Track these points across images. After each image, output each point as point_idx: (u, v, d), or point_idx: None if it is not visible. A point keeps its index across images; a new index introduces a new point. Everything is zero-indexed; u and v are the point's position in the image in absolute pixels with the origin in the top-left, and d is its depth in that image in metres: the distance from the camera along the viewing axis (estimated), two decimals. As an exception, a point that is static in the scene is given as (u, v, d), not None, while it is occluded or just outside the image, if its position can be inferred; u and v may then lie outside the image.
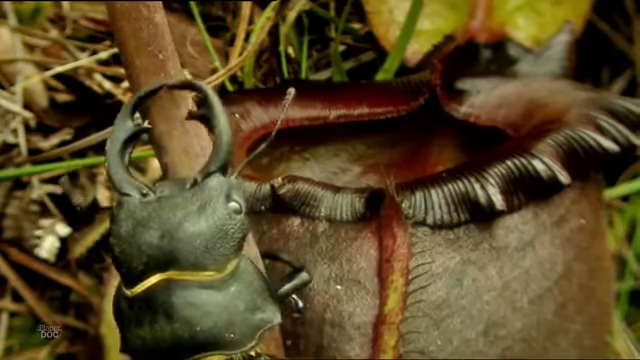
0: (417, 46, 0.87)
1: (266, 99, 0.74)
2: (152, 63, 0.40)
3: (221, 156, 0.41)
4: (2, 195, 0.65)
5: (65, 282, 0.65)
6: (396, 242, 0.46)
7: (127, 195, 0.41)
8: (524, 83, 0.71)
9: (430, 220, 0.47)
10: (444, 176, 0.50)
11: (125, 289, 0.41)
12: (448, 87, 0.76)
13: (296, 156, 0.81)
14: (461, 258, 0.46)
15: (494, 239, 0.47)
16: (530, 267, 0.47)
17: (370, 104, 0.79)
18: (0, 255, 0.65)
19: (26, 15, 0.75)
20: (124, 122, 0.43)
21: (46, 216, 0.68)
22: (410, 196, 0.48)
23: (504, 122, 0.69)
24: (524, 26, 0.85)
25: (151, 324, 0.39)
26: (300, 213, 0.49)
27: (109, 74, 0.81)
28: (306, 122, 0.76)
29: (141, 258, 0.40)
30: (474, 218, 0.48)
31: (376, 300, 0.45)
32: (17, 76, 0.72)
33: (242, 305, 0.40)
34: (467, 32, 0.84)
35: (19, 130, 0.68)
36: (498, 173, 0.49)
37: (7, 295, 0.66)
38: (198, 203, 0.40)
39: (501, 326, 0.45)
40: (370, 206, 0.48)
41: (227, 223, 0.40)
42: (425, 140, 0.81)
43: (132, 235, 0.40)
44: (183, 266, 0.39)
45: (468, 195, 0.48)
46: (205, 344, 0.39)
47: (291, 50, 0.91)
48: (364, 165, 0.83)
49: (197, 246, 0.39)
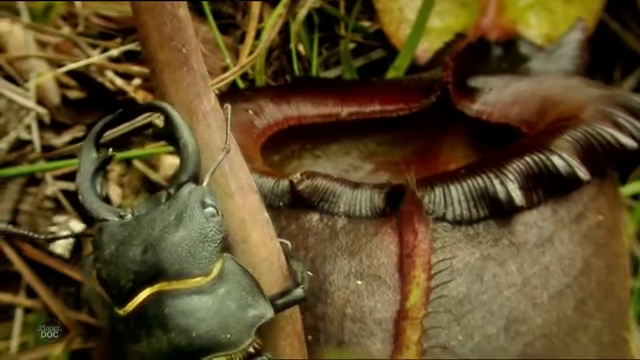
0: (427, 44, 0.88)
1: (279, 96, 0.74)
2: (175, 57, 0.40)
3: (189, 166, 0.42)
4: (16, 191, 0.65)
5: (79, 278, 0.65)
6: (417, 237, 0.46)
7: (105, 220, 0.42)
8: (537, 81, 0.71)
9: (450, 216, 0.47)
10: (463, 172, 0.50)
11: (117, 309, 0.41)
12: (460, 85, 0.76)
13: (307, 154, 0.81)
14: (481, 254, 0.46)
15: (513, 235, 0.47)
16: (550, 263, 0.47)
17: (382, 101, 0.79)
18: (14, 251, 0.65)
19: (39, 12, 0.75)
20: (89, 153, 0.44)
21: (60, 212, 0.68)
22: (430, 192, 0.48)
23: (518, 119, 0.69)
24: (535, 24, 0.85)
25: (148, 338, 0.40)
26: (319, 209, 0.49)
27: (120, 71, 0.80)
28: (318, 119, 0.76)
29: (128, 276, 0.41)
30: (493, 214, 0.48)
31: (397, 295, 0.45)
32: (30, 73, 0.71)
33: (233, 305, 0.41)
34: (478, 30, 0.84)
35: (33, 126, 0.68)
36: (517, 169, 0.49)
37: (22, 291, 0.66)
38: (174, 213, 0.41)
39: (522, 322, 0.45)
40: (390, 202, 0.48)
41: (205, 227, 0.41)
42: (436, 138, 0.81)
43: (116, 256, 0.41)
44: (170, 276, 0.40)
45: (487, 191, 0.48)
46: (203, 348, 0.40)
47: (301, 48, 0.91)
48: (375, 163, 0.83)
49: (180, 254, 0.40)
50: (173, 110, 0.42)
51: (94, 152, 0.44)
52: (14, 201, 0.65)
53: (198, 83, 0.42)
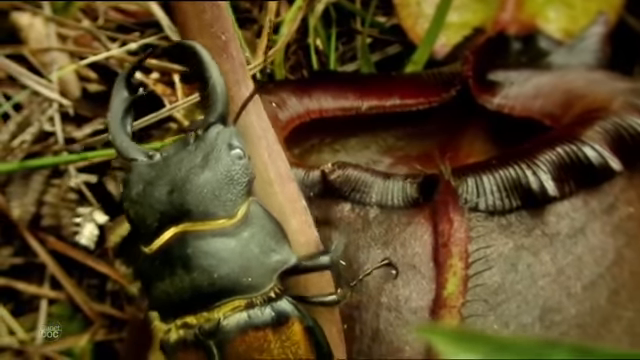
0: (445, 39, 0.87)
1: (300, 90, 0.74)
2: (215, 44, 0.40)
3: (218, 107, 0.42)
4: (41, 183, 0.65)
5: (102, 270, 0.65)
6: (453, 226, 0.46)
7: (134, 160, 0.43)
8: (559, 74, 0.71)
9: (482, 206, 0.47)
10: (494, 162, 0.50)
11: (144, 248, 0.42)
12: (480, 79, 0.76)
13: (326, 148, 0.81)
14: (515, 244, 0.46)
15: (546, 225, 0.47)
16: (582, 254, 0.47)
17: (401, 95, 0.79)
18: (38, 243, 0.65)
19: (59, 6, 0.75)
20: (120, 93, 0.45)
21: (84, 204, 0.68)
22: (462, 182, 0.48)
23: (541, 112, 0.68)
24: (554, 19, 0.85)
25: (171, 277, 0.41)
26: (350, 199, 0.49)
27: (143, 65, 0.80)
28: (339, 113, 0.76)
29: (154, 215, 0.41)
30: (525, 204, 0.48)
31: (432, 284, 0.45)
32: (51, 66, 0.71)
33: (256, 249, 0.41)
34: (497, 24, 0.84)
35: (56, 118, 0.68)
36: (549, 160, 0.49)
37: (46, 282, 0.66)
38: (201, 155, 0.41)
39: (556, 311, 0.45)
40: (423, 191, 0.48)
41: (231, 169, 0.41)
42: (455, 132, 0.81)
43: (143, 195, 0.41)
44: (194, 217, 0.41)
45: (520, 181, 0.48)
46: (224, 290, 0.40)
47: (319, 42, 0.91)
48: (394, 157, 0.82)
49: (205, 195, 0.40)
50: (202, 49, 0.42)
51: (125, 92, 0.45)
52: (39, 192, 0.65)
53: (237, 70, 0.42)
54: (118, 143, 0.43)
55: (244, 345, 0.40)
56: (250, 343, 0.40)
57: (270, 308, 0.41)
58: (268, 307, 0.41)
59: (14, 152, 0.66)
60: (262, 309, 0.41)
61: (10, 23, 0.75)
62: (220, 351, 0.41)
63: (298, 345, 0.41)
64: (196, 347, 0.41)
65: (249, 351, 0.40)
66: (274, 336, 0.41)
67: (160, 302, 0.42)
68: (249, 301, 0.40)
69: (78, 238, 0.64)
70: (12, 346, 0.62)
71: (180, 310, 0.41)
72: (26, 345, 0.63)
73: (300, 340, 0.41)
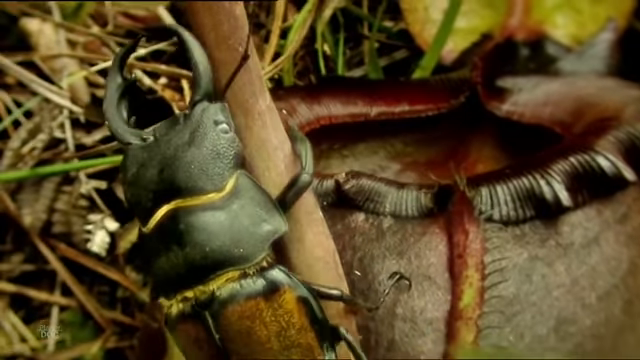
0: (453, 44, 0.87)
1: (310, 96, 0.74)
2: (232, 56, 0.40)
3: (202, 84, 0.42)
4: (52, 190, 0.65)
5: (113, 277, 0.65)
6: (469, 237, 0.46)
7: (129, 144, 0.43)
8: (569, 81, 0.71)
9: (497, 216, 0.47)
10: (508, 172, 0.50)
11: (142, 228, 0.43)
12: (488, 85, 0.76)
13: (335, 153, 0.81)
14: (529, 254, 0.46)
15: (560, 236, 0.47)
16: (596, 264, 0.47)
17: (410, 102, 0.79)
18: (49, 250, 0.65)
19: (69, 11, 0.75)
20: (114, 79, 0.45)
21: (95, 211, 0.68)
22: (476, 192, 0.48)
23: (551, 120, 0.68)
24: (563, 24, 0.85)
25: (167, 254, 0.41)
26: (364, 209, 0.49)
27: (149, 70, 0.81)
28: (348, 119, 0.76)
29: (148, 195, 0.42)
30: (539, 215, 0.48)
31: (448, 295, 0.45)
32: (61, 72, 0.72)
33: (247, 220, 0.41)
34: (505, 30, 0.84)
35: (66, 125, 0.68)
36: (562, 169, 0.49)
37: (57, 290, 0.66)
38: (188, 132, 0.42)
39: (571, 322, 0.45)
40: (437, 202, 0.48)
41: (217, 143, 0.42)
42: (463, 138, 0.81)
43: (137, 177, 0.42)
44: (184, 193, 0.41)
45: (534, 191, 0.48)
46: (217, 263, 0.41)
47: (326, 48, 0.91)
48: (403, 163, 0.83)
49: (193, 171, 0.41)
50: (185, 31, 0.42)
51: (119, 77, 0.45)
52: (50, 199, 0.65)
53: (254, 82, 0.42)
54: (114, 128, 0.44)
55: (236, 314, 0.41)
56: (242, 312, 0.41)
57: (262, 277, 0.42)
58: (260, 277, 0.41)
59: (25, 159, 0.66)
60: (254, 279, 0.41)
61: (20, 29, 0.75)
62: (215, 321, 0.42)
63: (291, 314, 0.42)
64: (193, 319, 0.42)
65: (242, 320, 0.41)
66: (266, 304, 0.41)
67: (160, 279, 0.43)
68: (242, 272, 0.41)
69: (89, 246, 0.64)
70: (24, 354, 0.63)
71: (178, 285, 0.42)
72: (38, 353, 0.63)
73: (293, 308, 0.42)
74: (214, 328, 0.42)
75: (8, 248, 0.67)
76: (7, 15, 0.75)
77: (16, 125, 0.70)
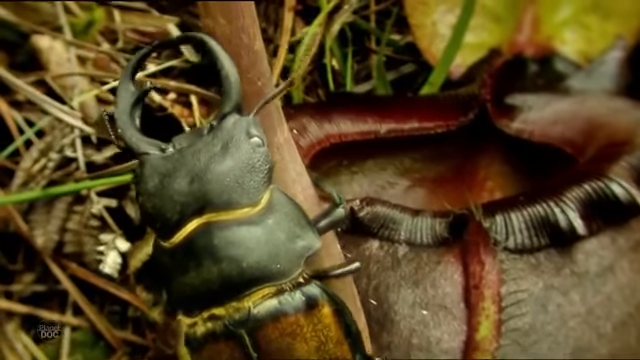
0: (460, 59, 0.87)
1: (320, 114, 0.74)
2: (251, 90, 0.40)
3: (233, 96, 0.41)
4: (63, 210, 0.65)
5: (124, 297, 0.65)
6: (484, 268, 0.46)
7: (146, 154, 0.42)
8: (579, 100, 0.71)
9: (512, 245, 0.47)
10: (522, 199, 0.50)
11: (163, 242, 0.41)
12: (498, 102, 0.76)
13: (344, 170, 0.81)
14: (544, 284, 0.46)
15: (575, 264, 0.48)
16: (611, 292, 0.47)
17: (420, 119, 0.79)
18: (60, 270, 0.65)
19: (79, 28, 0.75)
20: (126, 87, 0.44)
21: (106, 231, 0.68)
22: (491, 220, 0.48)
23: (561, 139, 0.69)
24: (571, 40, 0.85)
25: (197, 269, 0.40)
26: (379, 236, 0.49)
27: (158, 86, 0.81)
28: (358, 137, 0.76)
29: (175, 208, 0.40)
30: (554, 243, 0.48)
31: (463, 326, 0.45)
32: (72, 89, 0.72)
33: (283, 235, 0.41)
34: (514, 47, 0.84)
35: (77, 145, 0.68)
36: (577, 197, 0.49)
37: (68, 309, 0.66)
38: (220, 144, 0.41)
39: (587, 352, 0.45)
40: (452, 230, 0.48)
41: (252, 157, 0.41)
42: (472, 154, 0.81)
43: (161, 188, 0.41)
44: (218, 207, 0.40)
45: (548, 219, 0.48)
46: (254, 278, 0.40)
47: (334, 62, 0.91)
48: (411, 179, 0.83)
49: (228, 184, 0.40)
50: (212, 41, 0.41)
51: (131, 86, 0.44)
52: (62, 220, 0.66)
53: (272, 115, 0.42)
54: (128, 137, 0.42)
55: (277, 332, 0.40)
56: (283, 329, 0.40)
57: (300, 293, 0.41)
58: (298, 292, 0.41)
59: (36, 179, 0.66)
60: (292, 295, 0.41)
61: (31, 46, 0.75)
62: (252, 339, 0.41)
63: (329, 328, 0.41)
64: (226, 338, 0.41)
65: (282, 337, 0.40)
66: (306, 320, 0.41)
67: (184, 296, 0.41)
68: (279, 288, 0.40)
69: (101, 267, 0.64)
70: (36, 374, 0.63)
71: (207, 302, 0.41)
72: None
73: (331, 322, 0.41)
74: (251, 347, 0.41)
75: (19, 268, 0.67)
76: (18, 32, 0.75)
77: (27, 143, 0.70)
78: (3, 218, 0.66)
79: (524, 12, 0.86)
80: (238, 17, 0.39)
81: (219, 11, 0.39)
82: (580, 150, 0.64)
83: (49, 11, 0.76)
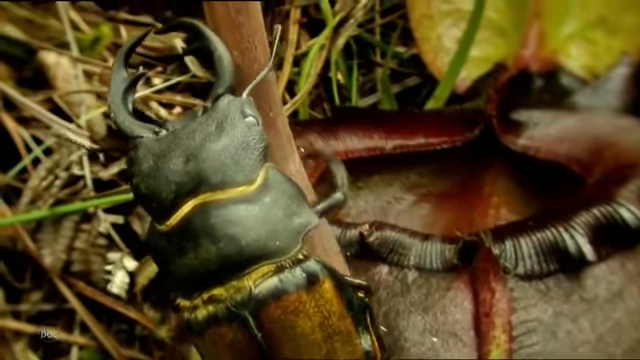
0: (465, 73, 0.88)
1: (326, 130, 0.74)
2: (262, 121, 0.40)
3: (226, 77, 0.41)
4: (71, 229, 0.65)
5: (131, 315, 0.65)
6: (495, 296, 0.46)
7: (140, 137, 0.41)
8: (586, 117, 0.71)
9: (521, 270, 0.47)
10: (531, 224, 0.50)
11: (159, 225, 0.41)
12: (503, 118, 0.76)
13: (350, 185, 0.81)
14: (554, 310, 0.46)
15: (584, 290, 0.48)
16: (621, 318, 0.47)
17: (426, 134, 0.79)
18: (68, 288, 0.65)
19: (86, 44, 0.75)
20: (120, 72, 0.43)
21: (113, 249, 0.68)
22: (500, 245, 0.48)
23: (567, 157, 0.69)
24: (576, 55, 0.85)
25: (195, 250, 0.40)
26: (388, 261, 0.49)
27: (164, 101, 0.81)
28: (364, 153, 0.76)
29: (170, 188, 0.40)
30: (563, 268, 0.48)
31: (473, 353, 0.45)
32: (79, 106, 0.72)
33: (280, 212, 0.40)
34: (520, 61, 0.84)
35: (85, 163, 0.68)
36: (585, 222, 0.49)
37: (76, 328, 0.66)
38: (215, 123, 0.41)
39: (597, 379, 0.45)
40: (462, 256, 0.48)
41: (247, 135, 0.40)
42: (478, 169, 0.81)
43: (155, 169, 0.40)
44: (214, 186, 0.40)
45: (557, 245, 0.48)
46: (254, 256, 0.40)
47: (340, 76, 0.91)
48: (417, 194, 0.83)
49: (223, 162, 0.40)
50: (203, 26, 0.42)
51: (124, 71, 0.43)
52: (69, 239, 0.66)
53: (284, 146, 0.42)
54: (120, 121, 0.42)
55: (279, 310, 0.40)
56: (285, 307, 0.40)
57: (300, 269, 0.41)
58: (298, 268, 0.41)
59: (43, 197, 0.66)
60: (292, 271, 0.40)
61: (37, 61, 0.76)
62: (255, 319, 0.40)
63: (331, 302, 0.41)
64: (229, 320, 0.41)
65: (285, 315, 0.40)
66: (308, 296, 0.41)
67: (182, 278, 0.41)
68: (278, 265, 0.40)
69: (109, 287, 0.64)
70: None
71: (206, 283, 0.40)
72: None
73: (332, 297, 0.41)
74: (255, 326, 0.40)
75: (27, 286, 0.67)
76: (25, 48, 0.75)
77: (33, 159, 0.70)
78: (11, 236, 0.66)
79: (529, 26, 0.86)
80: (250, 48, 0.39)
81: (231, 43, 0.39)
82: (587, 169, 0.64)
83: (56, 27, 0.76)
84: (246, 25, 0.39)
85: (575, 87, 0.82)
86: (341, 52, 0.90)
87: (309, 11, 0.95)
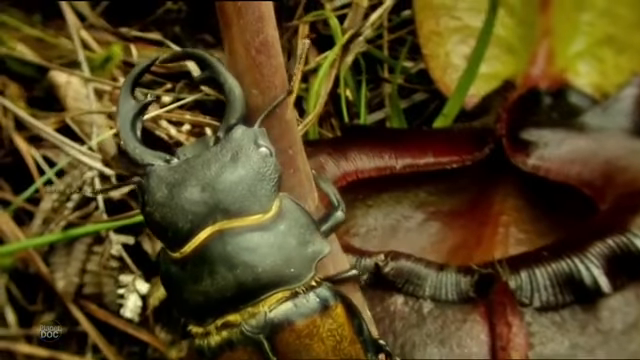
0: (474, 90, 0.87)
1: (336, 150, 0.74)
2: (282, 159, 0.40)
3: (238, 108, 0.42)
4: (83, 252, 0.65)
5: (143, 338, 0.65)
6: (512, 331, 0.46)
7: (151, 165, 0.42)
8: (597, 139, 0.71)
9: (537, 302, 0.48)
10: (545, 255, 0.50)
11: (172, 253, 0.42)
12: (513, 137, 0.76)
13: (359, 204, 0.81)
14: (570, 343, 0.47)
15: (600, 321, 0.48)
16: (636, 350, 0.47)
17: (435, 153, 0.79)
18: (80, 311, 0.65)
19: (97, 63, 0.75)
20: (127, 100, 0.44)
21: (125, 272, 0.68)
22: (516, 278, 0.48)
23: (578, 180, 0.69)
24: (585, 73, 0.85)
25: (211, 276, 0.40)
26: (403, 291, 0.50)
27: (174, 120, 0.81)
28: (374, 173, 0.76)
29: (186, 217, 0.41)
30: (578, 300, 0.48)
31: (491, 386, 0.46)
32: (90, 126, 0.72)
33: (294, 241, 0.41)
34: (529, 80, 0.84)
35: (96, 184, 0.68)
36: (601, 253, 0.49)
37: (88, 351, 0.66)
38: (230, 154, 0.41)
39: (613, 412, 0.45)
40: (477, 289, 0.48)
41: (262, 166, 0.41)
42: (487, 188, 0.81)
43: (171, 198, 0.41)
44: (230, 214, 0.41)
45: (573, 276, 0.48)
46: (269, 283, 0.41)
47: (348, 92, 0.92)
48: (426, 212, 0.83)
49: (240, 192, 0.41)
50: (211, 57, 0.43)
51: (131, 99, 0.44)
52: (82, 262, 0.66)
53: (304, 184, 0.42)
54: (131, 149, 0.43)
55: (294, 334, 0.41)
56: (300, 331, 0.41)
57: (314, 295, 0.42)
58: (312, 294, 0.42)
59: (56, 219, 0.66)
60: (306, 297, 0.41)
61: (48, 81, 0.76)
62: (271, 343, 0.41)
63: (343, 327, 0.42)
64: (244, 345, 0.41)
65: (299, 339, 0.41)
66: (321, 321, 0.42)
67: (196, 304, 0.41)
68: (292, 291, 0.41)
69: (122, 311, 0.64)
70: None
71: (221, 309, 0.41)
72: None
73: (344, 322, 0.42)
74: (270, 351, 0.41)
75: (39, 309, 0.67)
76: (36, 67, 0.75)
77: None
78: (23, 259, 0.66)
79: (538, 44, 0.86)
80: (270, 88, 0.39)
81: (251, 82, 0.39)
82: (599, 193, 0.64)
83: (67, 47, 0.76)
84: (266, 65, 0.39)
85: (584, 106, 0.82)
86: (349, 68, 0.90)
87: (317, 27, 0.95)
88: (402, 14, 0.95)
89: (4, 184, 0.71)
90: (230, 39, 0.38)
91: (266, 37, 0.37)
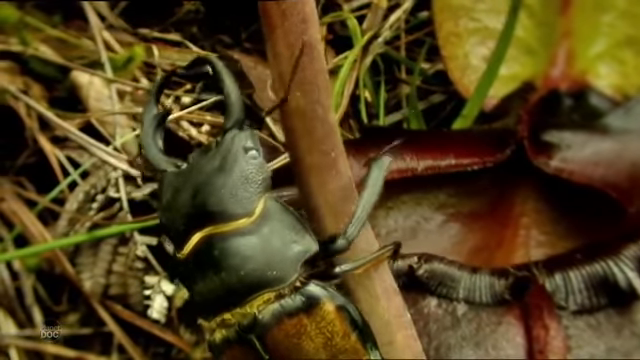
0: (493, 91, 0.87)
1: (360, 152, 0.74)
2: (324, 161, 0.41)
3: (234, 112, 0.44)
4: (109, 252, 0.66)
5: (168, 339, 0.65)
6: (549, 334, 0.46)
7: (164, 171, 0.45)
8: (621, 141, 0.71)
9: (572, 306, 0.47)
10: (579, 257, 0.50)
11: (177, 253, 0.44)
12: (534, 139, 0.76)
13: (380, 205, 0.81)
14: (606, 346, 0.47)
15: (634, 325, 0.48)
16: (671, 353, 0.47)
17: (456, 155, 0.79)
18: (107, 312, 0.65)
19: (119, 64, 0.75)
20: (151, 109, 0.47)
21: (150, 273, 0.68)
22: (550, 279, 0.48)
23: (603, 182, 0.69)
24: (606, 75, 0.85)
25: (204, 279, 0.43)
26: (437, 293, 0.50)
27: (195, 121, 0.81)
28: (396, 175, 0.76)
29: (182, 220, 0.43)
30: (613, 303, 0.48)
31: (528, 390, 0.46)
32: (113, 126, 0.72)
33: (277, 242, 0.43)
34: (549, 81, 0.84)
35: (121, 185, 0.68)
36: (635, 255, 0.49)
37: (113, 352, 0.66)
38: (219, 159, 0.43)
39: (650, 416, 0.45)
40: (512, 292, 0.48)
41: (245, 169, 0.43)
42: (507, 189, 0.81)
43: (172, 202, 0.44)
44: (216, 219, 0.43)
45: (607, 279, 0.48)
46: (253, 285, 0.43)
47: (367, 93, 0.92)
48: (446, 214, 0.83)
49: (223, 196, 0.43)
50: (219, 62, 0.44)
51: (155, 109, 0.47)
52: (108, 262, 0.66)
53: (346, 186, 0.42)
54: (151, 157, 0.45)
55: (282, 333, 0.43)
56: (287, 330, 0.43)
57: (300, 295, 0.43)
58: (297, 294, 0.43)
59: (81, 220, 0.66)
60: (292, 297, 0.43)
61: (70, 81, 0.76)
62: (261, 342, 0.43)
63: (333, 323, 0.43)
64: (239, 344, 0.43)
65: (288, 337, 0.43)
66: (309, 319, 0.43)
67: (199, 302, 0.44)
68: (278, 293, 0.43)
69: (149, 313, 0.65)
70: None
71: (217, 308, 0.43)
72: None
73: (334, 318, 0.43)
74: (262, 350, 0.43)
75: (64, 309, 0.67)
76: (58, 67, 0.75)
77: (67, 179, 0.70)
78: (48, 259, 0.66)
79: (558, 45, 0.86)
80: (313, 90, 0.39)
81: (295, 84, 0.39)
82: (626, 195, 0.64)
83: (89, 47, 0.76)
84: (309, 67, 0.39)
85: (604, 107, 0.82)
86: (368, 69, 0.90)
87: (335, 28, 0.95)
88: (419, 15, 0.95)
89: (28, 184, 0.71)
90: (274, 41, 0.38)
91: (310, 39, 0.37)
